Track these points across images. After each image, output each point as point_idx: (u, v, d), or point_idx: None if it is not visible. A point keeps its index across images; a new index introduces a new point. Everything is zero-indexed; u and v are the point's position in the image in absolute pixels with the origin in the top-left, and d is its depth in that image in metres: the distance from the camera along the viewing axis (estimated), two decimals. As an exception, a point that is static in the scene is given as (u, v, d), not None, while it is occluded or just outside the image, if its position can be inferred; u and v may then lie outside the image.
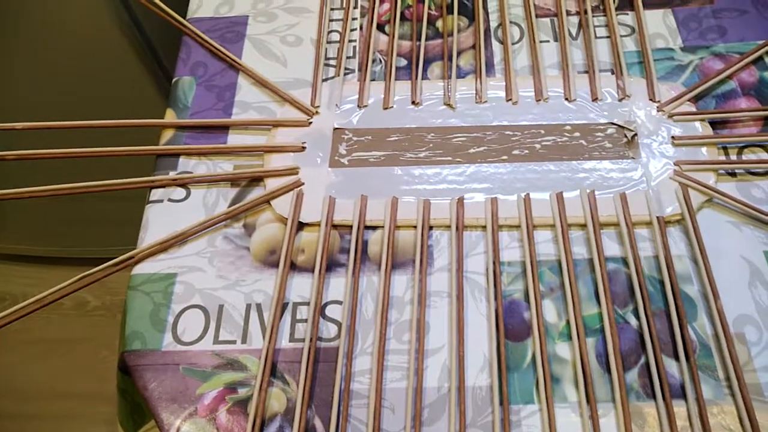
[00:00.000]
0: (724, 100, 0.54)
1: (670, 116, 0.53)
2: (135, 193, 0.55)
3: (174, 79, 0.61)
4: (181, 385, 0.44)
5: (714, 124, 0.52)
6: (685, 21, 0.59)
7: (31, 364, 1.15)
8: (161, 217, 0.52)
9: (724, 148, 0.51)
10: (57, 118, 0.58)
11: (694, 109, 0.53)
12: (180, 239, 0.51)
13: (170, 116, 0.58)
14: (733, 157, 0.51)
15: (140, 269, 0.50)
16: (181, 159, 0.55)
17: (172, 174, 0.54)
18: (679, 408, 0.41)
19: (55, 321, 1.19)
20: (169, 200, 0.53)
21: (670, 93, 0.54)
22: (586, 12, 0.60)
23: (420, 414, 0.42)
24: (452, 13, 0.62)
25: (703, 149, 0.51)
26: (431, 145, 0.53)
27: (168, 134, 0.57)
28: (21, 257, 1.21)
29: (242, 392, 0.44)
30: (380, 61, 0.60)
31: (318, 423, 0.42)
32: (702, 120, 0.52)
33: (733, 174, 0.50)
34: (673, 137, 0.51)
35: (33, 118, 0.57)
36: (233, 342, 0.46)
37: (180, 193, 0.54)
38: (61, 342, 1.17)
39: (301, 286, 0.48)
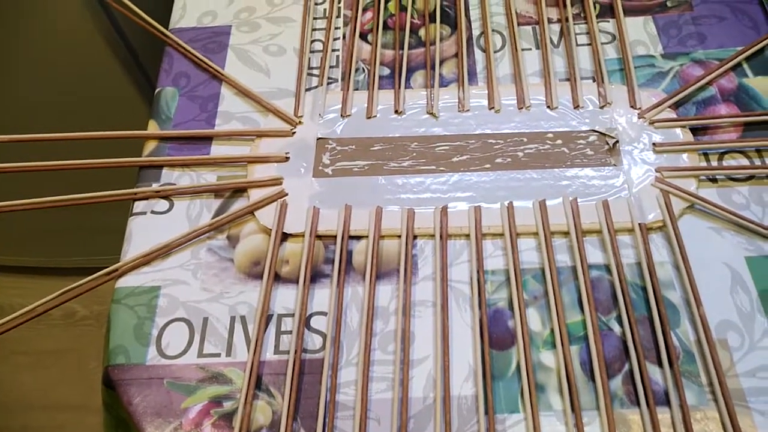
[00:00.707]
0: (704, 106, 0.54)
1: (651, 123, 0.53)
2: (120, 203, 0.54)
3: (156, 90, 0.60)
4: (166, 400, 0.44)
5: (695, 131, 0.53)
6: (666, 28, 0.59)
7: (20, 375, 1.14)
8: (144, 230, 0.52)
9: (705, 154, 0.52)
10: (40, 125, 0.57)
11: (674, 116, 0.53)
12: (164, 252, 0.50)
13: (153, 127, 0.58)
14: (714, 163, 0.51)
15: (124, 282, 0.50)
16: (164, 170, 0.55)
17: (155, 186, 0.54)
18: (663, 414, 0.41)
19: (43, 331, 1.18)
20: (152, 212, 0.53)
21: (651, 100, 0.54)
22: (567, 20, 0.60)
23: (406, 425, 0.42)
24: (435, 21, 0.62)
25: (684, 155, 0.51)
26: (414, 154, 0.53)
27: (151, 146, 0.57)
28: (7, 267, 1.20)
29: (227, 405, 0.44)
30: (363, 70, 0.60)
31: (303, 436, 0.42)
32: (683, 126, 0.52)
33: (714, 180, 0.50)
34: (654, 144, 0.52)
35: (16, 126, 0.57)
36: (218, 355, 0.46)
37: (163, 205, 0.53)
38: (49, 353, 1.16)
39: (286, 298, 0.48)
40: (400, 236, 0.50)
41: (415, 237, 0.50)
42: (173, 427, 0.43)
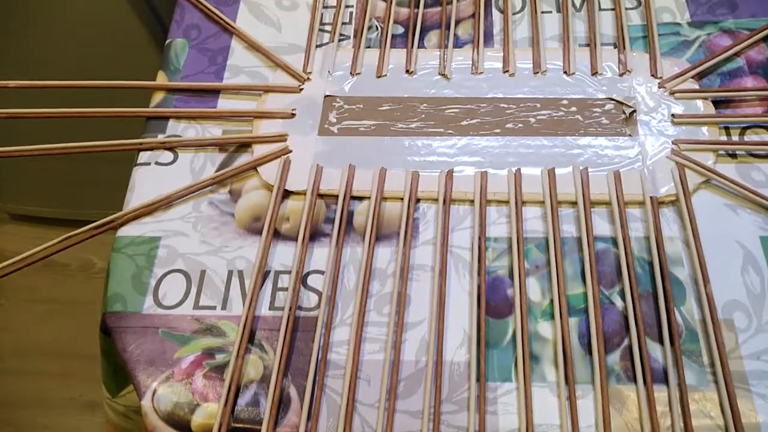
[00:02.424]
0: (730, 78, 0.51)
1: (672, 93, 0.51)
2: (130, 156, 0.54)
3: (167, 41, 0.59)
4: (160, 349, 0.44)
5: (717, 103, 0.50)
6: (696, -5, 0.57)
7: (36, 323, 1.17)
8: (148, 180, 0.52)
9: (726, 128, 0.49)
10: (56, 74, 0.57)
11: (696, 87, 0.51)
12: (165, 203, 0.50)
13: (161, 79, 0.57)
14: (735, 138, 0.49)
15: (125, 231, 0.49)
16: (171, 122, 0.55)
17: (160, 137, 0.54)
18: (660, 393, 0.40)
19: (60, 281, 1.20)
20: (157, 163, 0.52)
21: (673, 69, 0.52)
22: (592, -18, 0.58)
23: (396, 387, 0.41)
24: (454, -20, 0.60)
25: (704, 128, 0.49)
26: (423, 115, 0.52)
27: (158, 97, 0.56)
28: (30, 218, 1.22)
29: (220, 358, 0.44)
30: (377, 27, 0.58)
31: (293, 392, 0.42)
32: (705, 98, 0.50)
33: (733, 155, 0.48)
34: (673, 115, 0.50)
35: (33, 75, 0.56)
36: (213, 308, 0.46)
37: (168, 156, 0.53)
38: (65, 303, 1.18)
39: (284, 255, 0.47)
40: (402, 199, 0.49)
41: (418, 200, 0.49)
42: (165, 375, 0.43)
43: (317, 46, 0.57)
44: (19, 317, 1.16)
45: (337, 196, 0.49)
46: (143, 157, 0.53)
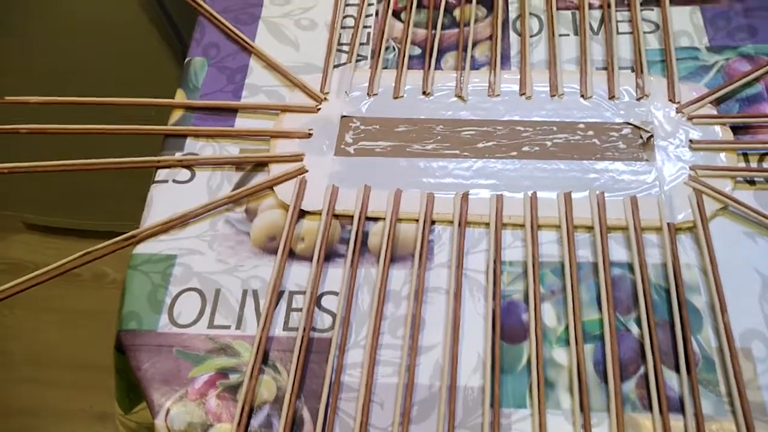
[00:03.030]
0: (749, 104, 0.51)
1: (690, 118, 0.51)
2: (147, 171, 0.55)
3: (186, 59, 0.60)
4: (174, 368, 0.45)
5: (736, 129, 0.50)
6: (714, 19, 0.56)
7: (51, 333, 1.17)
8: (165, 198, 0.52)
9: (745, 155, 0.49)
10: (74, 93, 0.58)
11: (715, 112, 0.51)
12: (182, 221, 0.51)
13: (180, 96, 0.58)
14: (754, 165, 0.48)
15: (141, 249, 0.50)
16: (188, 140, 0.55)
17: (178, 155, 0.54)
18: (676, 422, 0.39)
19: (74, 292, 1.21)
20: (174, 181, 0.53)
21: (692, 94, 0.52)
22: (609, 6, 0.58)
23: (409, 411, 0.41)
24: (471, 2, 0.60)
25: (722, 155, 0.49)
26: (439, 137, 0.52)
27: (177, 114, 0.57)
28: (45, 227, 1.23)
29: (233, 378, 0.44)
30: (394, 48, 0.58)
31: (306, 414, 0.42)
32: (723, 124, 0.50)
33: (752, 182, 0.48)
34: (691, 141, 0.49)
35: (50, 93, 0.57)
36: (228, 327, 0.46)
37: (185, 174, 0.53)
38: (79, 313, 1.19)
39: (299, 275, 0.48)
40: (417, 220, 0.49)
41: (433, 222, 0.49)
42: (179, 395, 0.43)
43: (335, 66, 0.58)
44: (31, 327, 1.17)
45: (352, 217, 0.49)
46: (161, 174, 0.53)
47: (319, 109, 0.55)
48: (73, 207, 1.16)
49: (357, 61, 0.58)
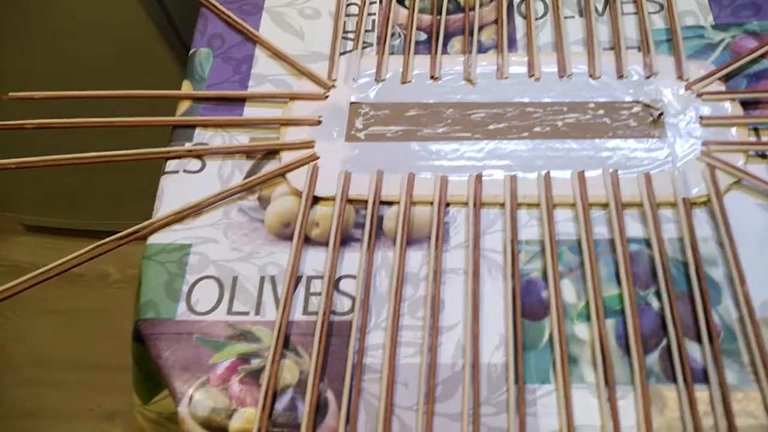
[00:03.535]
0: (757, 80, 0.52)
1: (699, 95, 0.51)
2: (156, 167, 0.54)
3: (191, 51, 0.60)
4: (194, 355, 0.44)
5: (746, 105, 0.50)
6: (717, -2, 0.57)
7: (53, 334, 1.16)
8: (176, 188, 0.52)
9: (755, 129, 0.49)
10: (73, 87, 0.57)
11: (724, 89, 0.51)
12: (195, 210, 0.50)
13: (187, 88, 0.57)
14: (765, 138, 0.49)
15: (155, 239, 0.50)
16: (197, 131, 0.55)
17: (187, 145, 0.54)
18: (700, 392, 0.40)
19: (76, 292, 1.20)
20: (185, 171, 0.53)
21: (699, 72, 0.52)
22: (613, -13, 0.58)
23: (433, 390, 0.41)
24: (475, -13, 0.60)
25: (733, 130, 0.49)
26: (450, 120, 0.52)
27: (184, 106, 0.56)
28: (44, 228, 1.22)
29: (255, 363, 0.44)
30: (399, 34, 0.59)
31: (330, 396, 0.42)
32: (732, 99, 0.50)
33: (763, 156, 0.48)
34: (701, 117, 0.50)
35: (51, 89, 0.57)
36: (246, 313, 0.46)
37: (195, 164, 0.53)
38: (81, 313, 1.18)
39: (315, 260, 0.48)
40: (432, 203, 0.49)
41: (447, 204, 0.49)
42: (201, 381, 0.43)
43: (341, 54, 0.58)
44: (34, 328, 1.16)
45: (365, 202, 0.49)
46: (171, 165, 0.53)
47: (328, 96, 0.55)
48: (71, 207, 1.15)
49: (363, 48, 0.58)
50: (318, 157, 0.52)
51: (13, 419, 1.06)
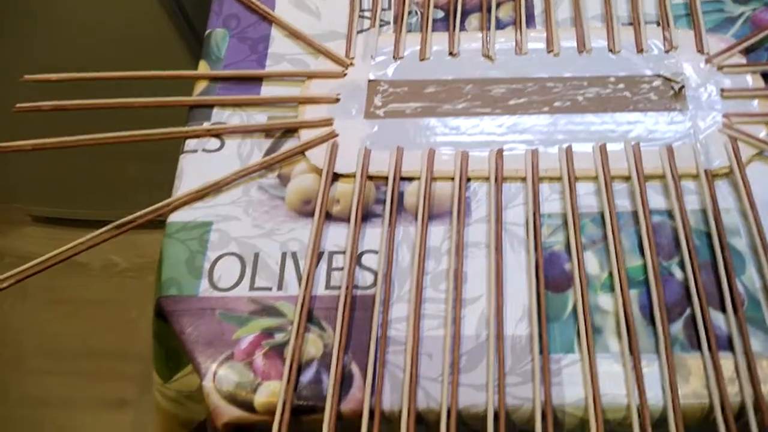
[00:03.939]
0: (777, 52, 0.52)
1: (720, 68, 0.51)
2: (168, 156, 0.54)
3: (207, 32, 0.60)
4: (218, 330, 0.45)
5: (766, 77, 0.50)
6: (736, -29, 0.57)
7: (61, 324, 1.16)
8: (196, 167, 0.52)
9: (776, 101, 0.49)
10: (88, 86, 0.57)
11: (744, 62, 0.51)
12: (215, 188, 0.50)
13: (203, 68, 0.58)
14: (786, 111, 0.49)
15: (176, 217, 0.50)
16: (215, 110, 0.55)
17: (206, 125, 0.54)
18: (725, 360, 0.40)
19: (83, 282, 1.20)
20: (204, 150, 0.53)
21: (719, 45, 0.52)
22: (631, -37, 0.58)
23: (458, 361, 0.41)
24: (491, -36, 0.60)
25: (754, 102, 0.49)
26: (469, 96, 0.52)
27: (201, 86, 0.56)
28: (51, 219, 1.22)
29: (279, 337, 0.44)
30: (416, 12, 0.58)
31: (355, 368, 0.42)
32: (754, 72, 0.50)
33: (784, 127, 0.48)
34: (722, 90, 0.50)
35: (64, 88, 0.56)
36: (269, 289, 0.46)
37: (214, 143, 0.53)
38: (89, 302, 1.18)
39: (337, 236, 0.48)
40: (452, 178, 0.49)
41: (468, 179, 0.49)
42: (225, 356, 0.43)
43: (358, 32, 0.58)
44: (42, 318, 1.16)
45: (386, 178, 0.49)
46: (190, 144, 0.53)
47: (346, 74, 0.55)
48: (79, 198, 1.15)
49: (380, 26, 0.58)
50: (337, 135, 0.52)
51: (22, 408, 1.07)
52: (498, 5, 0.57)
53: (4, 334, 1.15)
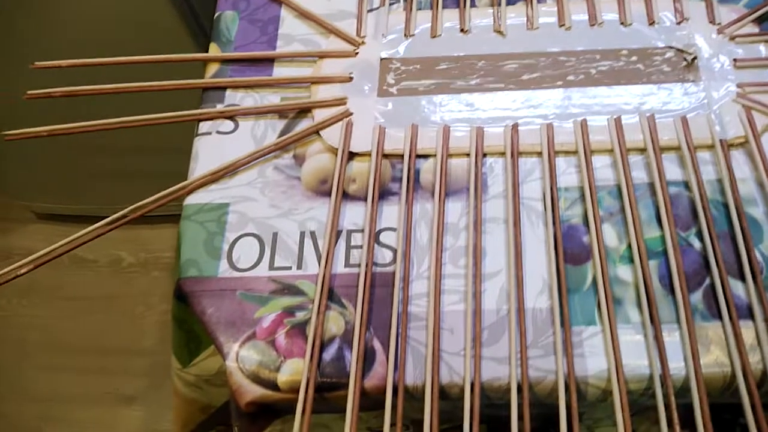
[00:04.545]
0: (790, 21, 0.51)
1: (732, 38, 0.51)
2: (175, 145, 0.54)
3: (216, 14, 0.60)
4: (239, 310, 0.45)
5: (779, 46, 0.50)
6: (747, -58, 0.56)
7: (68, 320, 1.17)
8: (210, 150, 0.52)
9: (790, 70, 0.49)
10: (97, 79, 0.56)
11: (757, 31, 0.51)
12: (231, 169, 0.51)
13: (214, 50, 0.57)
14: (800, 79, 0.49)
15: (193, 199, 0.50)
16: (228, 92, 0.55)
17: (219, 107, 0.54)
18: (746, 329, 0.40)
19: (89, 278, 1.20)
20: (218, 132, 0.53)
21: (731, 15, 0.52)
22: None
23: (480, 335, 0.42)
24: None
25: (768, 71, 0.49)
26: (482, 72, 0.52)
27: (213, 68, 0.56)
28: (56, 216, 1.22)
29: (300, 315, 0.44)
30: (426, -10, 0.58)
31: (377, 344, 0.43)
32: (766, 41, 0.50)
33: (799, 96, 0.48)
34: (735, 60, 0.50)
35: (72, 81, 0.56)
36: (289, 268, 0.46)
37: (228, 125, 0.53)
38: (96, 298, 1.18)
39: (354, 214, 0.48)
40: (468, 155, 0.49)
41: (484, 155, 0.49)
42: (246, 335, 0.44)
43: (368, 11, 0.57)
44: (49, 315, 1.17)
45: (401, 156, 0.49)
46: (204, 127, 0.53)
47: (357, 53, 0.55)
48: (82, 193, 1.14)
49: (390, 4, 0.58)
50: (351, 114, 0.52)
51: (31, 405, 1.07)
52: (508, -20, 0.57)
53: (12, 331, 1.16)
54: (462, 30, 0.55)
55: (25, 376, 1.11)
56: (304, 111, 0.53)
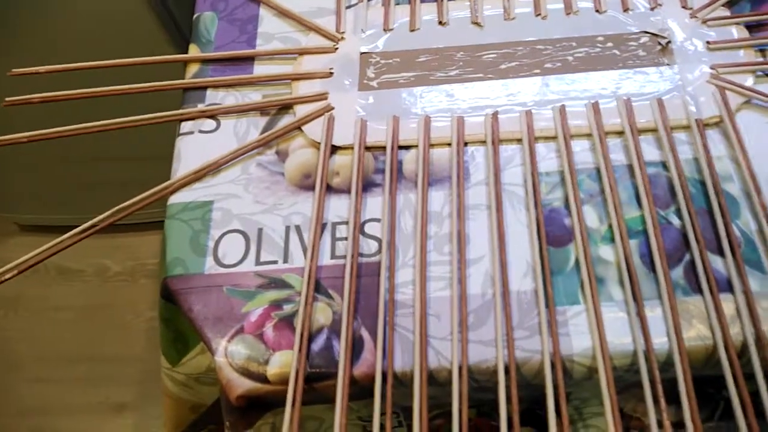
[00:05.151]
0: (760, 3, 0.52)
1: (704, 22, 0.52)
2: (158, 153, 0.54)
3: (195, 16, 0.60)
4: (226, 306, 0.45)
5: (750, 28, 0.51)
6: (715, -72, 0.57)
7: (56, 331, 1.16)
8: (193, 149, 0.52)
9: (762, 51, 0.50)
10: (78, 82, 0.56)
11: (728, 14, 0.52)
12: (214, 167, 0.51)
13: (194, 51, 0.58)
14: (771, 59, 0.50)
15: (176, 199, 0.50)
16: (209, 92, 0.55)
17: (201, 106, 0.54)
18: (726, 302, 0.41)
19: (77, 288, 1.19)
20: (200, 131, 0.53)
21: (703, 0, 0.53)
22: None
23: (466, 319, 0.42)
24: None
25: (740, 52, 0.50)
26: (461, 63, 0.53)
27: (193, 69, 0.57)
28: (40, 227, 1.21)
29: (287, 308, 0.44)
30: (403, -15, 0.59)
31: (365, 333, 0.43)
32: (737, 24, 0.51)
33: (770, 75, 0.49)
34: (707, 42, 0.51)
35: (53, 88, 0.56)
36: (275, 262, 0.46)
37: (210, 124, 0.53)
38: (83, 308, 1.17)
39: (339, 207, 0.48)
40: (449, 144, 0.49)
41: (465, 144, 0.49)
42: (235, 330, 0.44)
43: (347, 8, 0.58)
44: (37, 326, 1.16)
45: (383, 148, 0.50)
46: (185, 126, 0.53)
47: (337, 48, 0.56)
48: (65, 203, 1.14)
49: (368, 0, 0.58)
50: (333, 108, 0.52)
51: (23, 418, 1.06)
52: (483, -27, 0.58)
53: (1, 344, 1.14)
54: (440, 22, 0.55)
55: (15, 389, 1.09)
56: (285, 107, 0.53)
